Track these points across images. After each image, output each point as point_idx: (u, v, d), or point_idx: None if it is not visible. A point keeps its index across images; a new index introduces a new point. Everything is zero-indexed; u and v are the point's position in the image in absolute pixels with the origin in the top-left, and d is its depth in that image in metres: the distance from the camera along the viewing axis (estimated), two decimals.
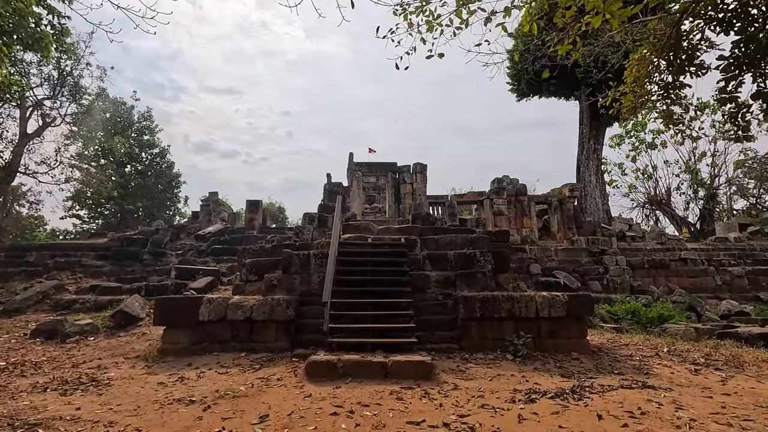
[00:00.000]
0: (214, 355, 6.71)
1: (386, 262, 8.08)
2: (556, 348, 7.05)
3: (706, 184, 23.82)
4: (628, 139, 27.28)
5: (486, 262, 8.20)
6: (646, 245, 17.85)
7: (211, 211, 24.52)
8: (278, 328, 7.05)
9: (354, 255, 8.29)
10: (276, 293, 7.79)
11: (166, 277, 13.68)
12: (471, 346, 6.97)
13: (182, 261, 14.75)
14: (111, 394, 4.93)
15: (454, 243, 9.09)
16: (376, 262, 8.05)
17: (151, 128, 34.74)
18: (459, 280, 8.00)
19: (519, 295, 7.24)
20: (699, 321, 12.43)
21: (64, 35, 12.34)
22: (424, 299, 7.82)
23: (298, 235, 10.16)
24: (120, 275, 14.77)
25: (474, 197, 17.57)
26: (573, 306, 7.16)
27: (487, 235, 9.58)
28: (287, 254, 8.09)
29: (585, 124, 20.79)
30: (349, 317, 6.96)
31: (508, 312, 7.10)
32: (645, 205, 25.88)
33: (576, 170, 21.41)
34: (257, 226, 17.02)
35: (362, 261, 8.07)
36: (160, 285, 12.56)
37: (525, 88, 22.14)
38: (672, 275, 16.71)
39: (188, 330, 6.97)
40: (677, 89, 7.22)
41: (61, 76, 22.67)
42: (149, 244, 15.79)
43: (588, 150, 20.67)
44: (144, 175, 33.08)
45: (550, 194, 18.20)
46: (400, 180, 14.80)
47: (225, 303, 7.07)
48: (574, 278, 15.01)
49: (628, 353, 7.23)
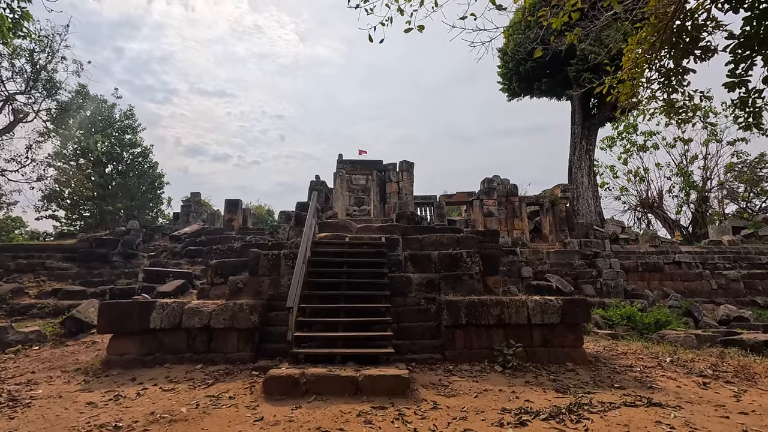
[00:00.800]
0: (165, 367, 5.92)
1: (364, 263, 7.36)
2: (550, 358, 6.39)
3: (698, 187, 23.50)
4: (619, 141, 26.95)
5: (473, 263, 7.52)
6: (639, 248, 17.37)
7: (191, 212, 23.67)
8: (240, 336, 6.29)
9: (329, 255, 7.56)
10: (241, 297, 7.03)
11: (134, 280, 12.81)
12: (456, 357, 6.28)
13: (154, 263, 13.88)
14: (25, 417, 4.14)
15: (440, 243, 8.41)
16: (352, 263, 7.33)
17: (134, 127, 33.69)
18: (444, 283, 7.31)
19: (509, 300, 6.56)
20: (697, 327, 11.89)
21: (24, 19, 11.50)
22: (405, 304, 7.11)
23: (273, 234, 9.41)
24: (87, 278, 13.88)
25: (463, 198, 16.96)
26: (568, 311, 6.51)
27: (476, 234, 8.92)
28: (254, 254, 7.34)
29: (577, 124, 20.34)
30: (319, 325, 6.22)
31: (497, 318, 6.42)
32: (637, 208, 25.52)
33: (568, 171, 20.93)
34: (236, 227, 16.19)
35: (337, 262, 7.34)
36: (126, 289, 11.71)
37: (516, 87, 21.66)
38: (666, 279, 16.22)
39: (137, 339, 6.18)
40: (680, 75, 6.63)
41: (34, 70, 21.68)
42: (120, 246, 14.89)
43: (580, 150, 20.20)
44: (125, 175, 32.01)
45: (541, 195, 17.65)
46: (386, 178, 14.13)
47: (180, 308, 6.30)
48: (566, 282, 14.42)
49: (627, 363, 6.59)
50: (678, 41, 6.52)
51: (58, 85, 22.53)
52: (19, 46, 21.07)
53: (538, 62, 19.61)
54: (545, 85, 20.45)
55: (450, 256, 7.54)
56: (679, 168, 24.79)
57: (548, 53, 19.11)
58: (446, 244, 8.40)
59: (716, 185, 23.75)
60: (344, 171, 13.92)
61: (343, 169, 13.87)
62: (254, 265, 7.30)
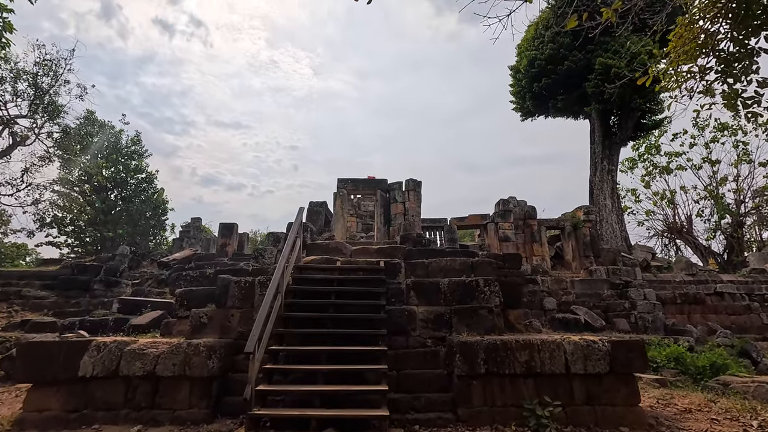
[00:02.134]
0: (93, 429, 4.54)
1: (357, 293, 5.98)
2: (597, 420, 4.84)
3: (732, 210, 21.70)
4: (641, 163, 25.45)
5: (492, 294, 6.08)
6: (674, 277, 15.59)
7: (190, 238, 22.65)
8: (194, 387, 4.90)
9: (314, 283, 6.21)
10: (204, 335, 5.67)
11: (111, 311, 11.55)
12: (472, 417, 4.78)
13: (136, 291, 12.64)
14: None
15: (450, 269, 7.00)
16: (342, 293, 5.96)
17: (140, 153, 33.43)
18: (456, 318, 5.87)
19: (540, 342, 5.08)
20: (757, 370, 10.08)
21: (5, 30, 10.87)
22: (407, 345, 5.66)
23: (258, 259, 8.13)
24: (63, 308, 12.69)
25: (477, 221, 15.56)
26: (619, 357, 4.99)
27: (493, 259, 7.49)
28: (223, 281, 6.03)
29: (597, 143, 19.01)
30: (295, 374, 4.81)
31: (526, 366, 4.93)
32: (664, 233, 23.69)
33: (589, 194, 19.44)
34: (230, 253, 14.96)
35: (324, 292, 5.98)
36: (98, 321, 10.42)
37: (530, 105, 20.56)
38: (709, 312, 14.35)
39: (63, 390, 4.83)
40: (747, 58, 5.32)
41: (37, 93, 21.42)
42: (102, 273, 13.73)
43: (602, 171, 18.77)
44: (129, 201, 31.43)
45: (562, 218, 16.16)
46: (391, 199, 12.87)
47: (119, 350, 4.95)
48: (596, 315, 12.71)
49: (701, 429, 4.98)
50: (745, 15, 5.27)
51: (60, 109, 22.21)
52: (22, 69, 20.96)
53: (552, 78, 18.57)
54: (561, 102, 19.31)
55: (463, 285, 6.11)
56: (708, 191, 23.08)
57: (562, 86, 17.79)
58: (458, 271, 6.98)
59: (751, 208, 21.92)
60: (345, 191, 12.72)
61: (344, 189, 12.68)
62: (222, 295, 5.98)
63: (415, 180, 13.04)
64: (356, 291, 6.00)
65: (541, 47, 18.71)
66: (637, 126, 18.82)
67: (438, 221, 15.24)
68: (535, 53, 18.84)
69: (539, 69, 18.69)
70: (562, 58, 18.00)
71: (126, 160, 32.73)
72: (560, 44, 18.08)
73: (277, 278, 5.22)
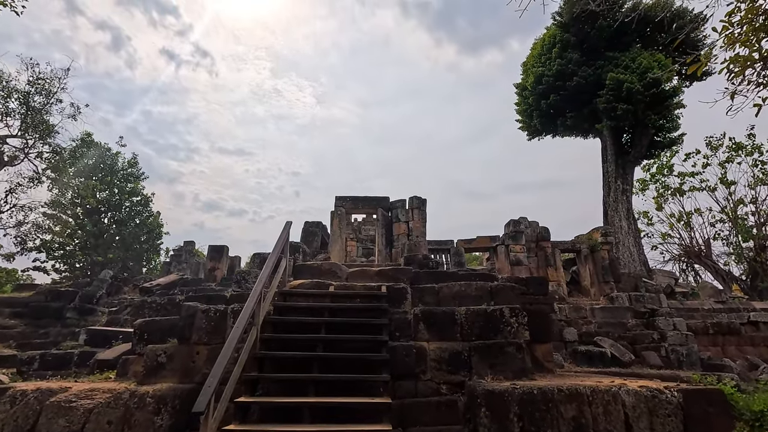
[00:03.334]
0: None
1: (353, 325, 4.82)
2: None
3: (754, 234, 20.54)
4: (653, 185, 24.47)
5: (520, 326, 4.92)
6: (702, 304, 14.30)
7: (182, 261, 21.52)
8: None
9: (301, 312, 5.05)
10: (161, 378, 4.50)
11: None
12: None
13: (111, 320, 11.42)
14: None
15: (465, 295, 5.85)
16: (335, 326, 4.80)
17: (137, 175, 32.72)
18: (476, 357, 4.69)
19: (590, 391, 3.89)
20: None
21: None
22: (416, 393, 4.47)
23: (240, 284, 6.99)
24: (30, 338, 11.48)
25: (485, 243, 14.43)
26: (694, 413, 3.79)
27: (515, 283, 6.35)
28: (188, 310, 4.89)
29: (610, 161, 18.07)
30: None
31: (574, 424, 3.73)
32: (681, 257, 22.43)
33: (603, 215, 18.35)
34: (219, 277, 13.79)
35: (313, 324, 4.82)
36: (62, 354, 9.18)
37: (537, 124, 19.79)
38: (745, 343, 13.00)
39: None
40: None
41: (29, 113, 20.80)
42: (77, 299, 12.56)
43: (615, 191, 17.75)
44: (123, 224, 30.46)
45: (577, 241, 15.02)
46: (393, 218, 11.81)
47: (40, 402, 3.78)
48: (621, 347, 11.39)
49: None
50: None
51: (52, 128, 21.54)
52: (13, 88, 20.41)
53: (561, 95, 17.84)
54: (570, 120, 18.53)
55: (485, 316, 4.95)
56: (726, 213, 21.99)
57: (572, 102, 17.00)
58: (475, 297, 5.83)
59: None
60: (343, 209, 11.68)
61: (342, 207, 11.64)
62: (186, 327, 4.83)
63: (419, 197, 12.01)
64: (352, 323, 4.84)
65: (549, 63, 18.09)
66: (651, 143, 17.94)
67: (444, 243, 14.12)
68: (542, 69, 18.20)
69: (547, 85, 18.00)
70: (571, 74, 17.33)
71: (121, 182, 31.99)
72: (568, 60, 17.45)
73: (250, 306, 4.09)
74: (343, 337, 4.62)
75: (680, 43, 17.54)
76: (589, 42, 17.54)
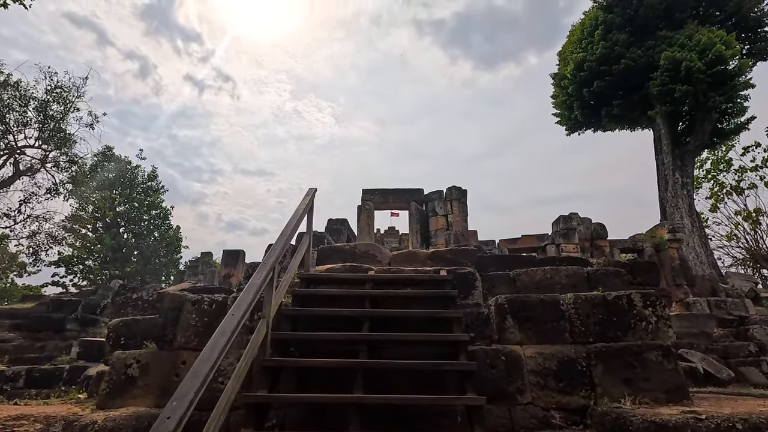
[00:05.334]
0: None
1: (408, 320, 3.26)
2: None
3: None
4: (706, 183, 22.18)
5: (660, 321, 3.25)
6: None
7: (198, 273, 20.49)
8: None
9: (331, 302, 3.52)
10: (128, 399, 3.03)
11: None
12: None
13: None
14: None
15: (551, 284, 4.23)
16: (381, 321, 3.25)
17: (156, 188, 32.25)
18: (600, 368, 3.04)
19: None
20: None
21: None
22: (512, 426, 2.84)
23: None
24: (26, 352, 10.31)
25: (532, 242, 12.67)
26: None
27: (619, 267, 4.69)
28: (173, 301, 3.46)
29: (665, 152, 16.10)
30: None
31: None
32: (746, 260, 19.99)
33: (660, 213, 16.31)
34: (235, 284, 12.44)
35: (349, 318, 3.28)
36: (51, 370, 7.88)
37: (579, 116, 18.02)
38: None
39: None
40: None
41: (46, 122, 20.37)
42: (80, 309, 11.38)
43: (674, 185, 15.73)
44: (141, 238, 29.81)
45: (639, 239, 13.09)
46: (428, 212, 10.26)
47: None
48: (713, 360, 9.38)
49: None
50: None
51: (69, 137, 21.06)
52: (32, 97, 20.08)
53: (606, 81, 16.12)
54: (617, 108, 16.70)
55: (604, 306, 3.31)
56: None
57: (621, 65, 15.08)
58: (565, 288, 4.19)
59: None
60: (371, 203, 10.21)
61: (370, 201, 10.18)
62: (168, 325, 3.37)
63: (458, 188, 10.43)
64: (407, 317, 3.28)
65: (591, 48, 16.45)
66: (713, 131, 15.94)
67: (484, 243, 12.42)
68: (584, 54, 16.57)
69: (590, 71, 16.33)
70: (618, 57, 15.64)
71: (141, 195, 31.56)
72: (614, 41, 15.79)
73: (255, 287, 2.61)
74: (397, 337, 3.05)
75: (740, 19, 15.70)
76: (637, 21, 15.87)
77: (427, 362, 2.81)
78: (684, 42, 14.80)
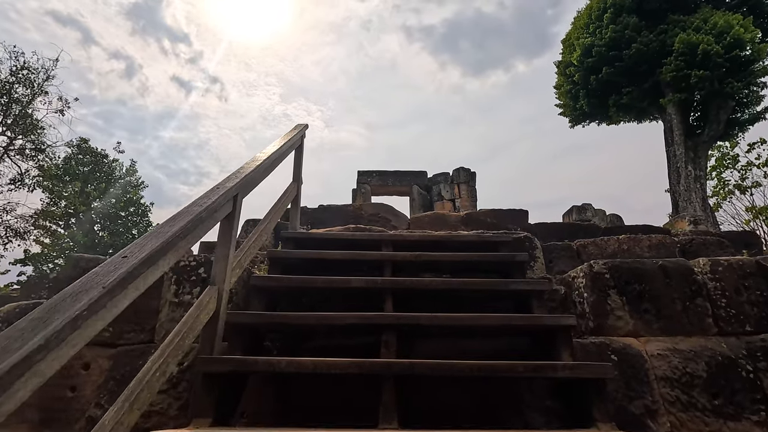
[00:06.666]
0: None
1: (454, 296, 2.02)
2: None
3: None
4: (710, 181, 21.45)
5: None
6: None
7: None
8: None
9: (333, 269, 2.26)
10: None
11: None
12: None
13: None
14: None
15: (634, 258, 3.06)
16: (408, 298, 2.00)
17: (135, 184, 30.46)
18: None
19: None
20: None
21: None
22: None
23: None
24: None
25: None
26: None
27: (719, 237, 3.54)
28: (78, 264, 2.15)
29: (677, 143, 15.18)
30: None
31: None
32: None
33: (672, 207, 15.38)
34: None
35: (362, 292, 2.02)
36: None
37: (585, 105, 17.03)
38: None
39: None
40: None
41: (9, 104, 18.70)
42: None
43: (687, 178, 14.79)
44: (117, 236, 27.99)
45: None
46: (433, 196, 9.07)
47: None
48: None
49: None
50: None
51: (37, 123, 19.42)
52: None
53: (616, 67, 15.17)
54: (626, 97, 15.73)
55: (766, 275, 2.12)
56: None
57: (632, 50, 13.98)
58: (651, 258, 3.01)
59: None
60: (368, 187, 8.98)
61: (367, 185, 8.94)
62: None
63: (467, 169, 9.26)
64: (454, 291, 2.03)
65: (599, 32, 15.52)
66: (729, 121, 15.09)
67: None
68: (592, 39, 15.62)
69: (598, 57, 15.34)
70: (629, 41, 14.70)
71: (119, 191, 29.76)
72: (624, 25, 14.87)
73: (192, 214, 1.33)
74: (452, 321, 1.80)
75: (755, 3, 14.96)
76: (649, 4, 14.99)
77: (494, 367, 1.56)
78: (699, 25, 13.96)
